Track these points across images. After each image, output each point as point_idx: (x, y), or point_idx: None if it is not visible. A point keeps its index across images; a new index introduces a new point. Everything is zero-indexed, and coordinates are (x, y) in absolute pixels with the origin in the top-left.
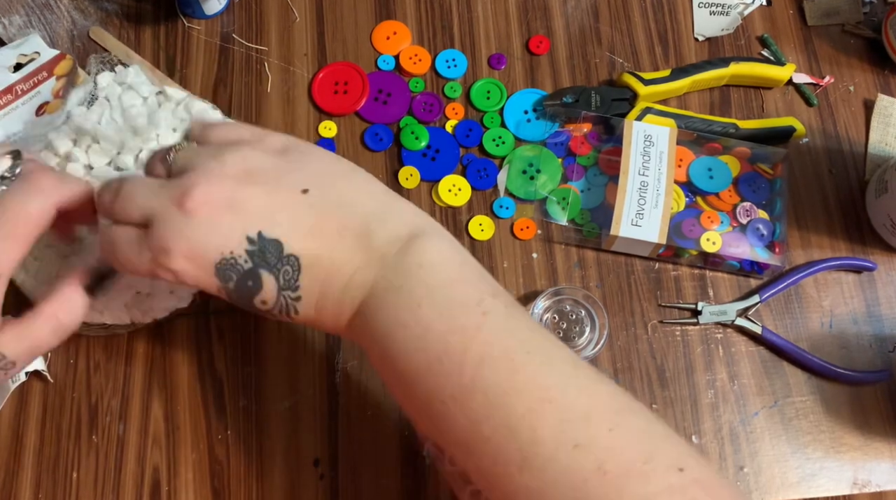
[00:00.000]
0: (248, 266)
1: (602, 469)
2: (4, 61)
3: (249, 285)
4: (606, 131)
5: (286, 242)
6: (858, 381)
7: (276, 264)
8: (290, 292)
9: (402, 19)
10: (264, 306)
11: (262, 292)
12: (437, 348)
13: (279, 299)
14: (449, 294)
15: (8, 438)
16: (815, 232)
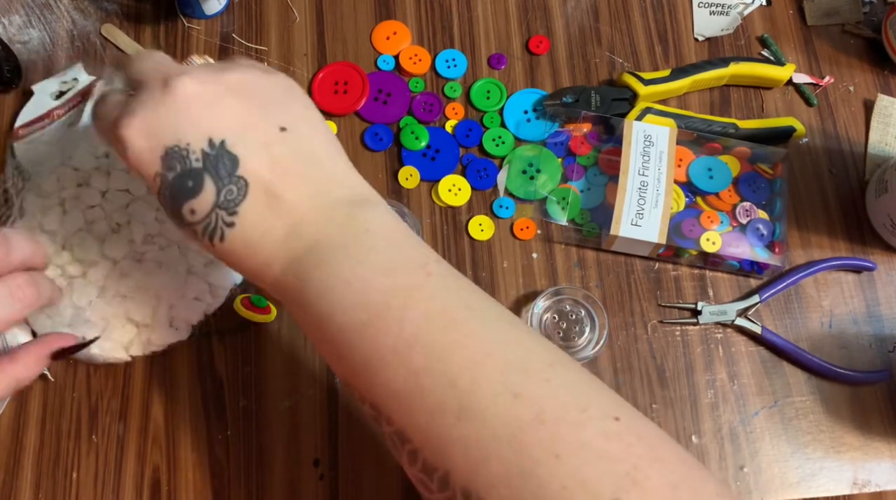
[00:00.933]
0: (196, 165)
1: (539, 418)
2: (48, 89)
3: (189, 185)
4: (606, 131)
5: (243, 162)
6: (858, 381)
7: (224, 178)
8: (225, 214)
9: (402, 19)
10: (192, 218)
11: (197, 197)
12: (378, 304)
13: (210, 215)
14: (394, 256)
15: (8, 438)
16: (815, 232)
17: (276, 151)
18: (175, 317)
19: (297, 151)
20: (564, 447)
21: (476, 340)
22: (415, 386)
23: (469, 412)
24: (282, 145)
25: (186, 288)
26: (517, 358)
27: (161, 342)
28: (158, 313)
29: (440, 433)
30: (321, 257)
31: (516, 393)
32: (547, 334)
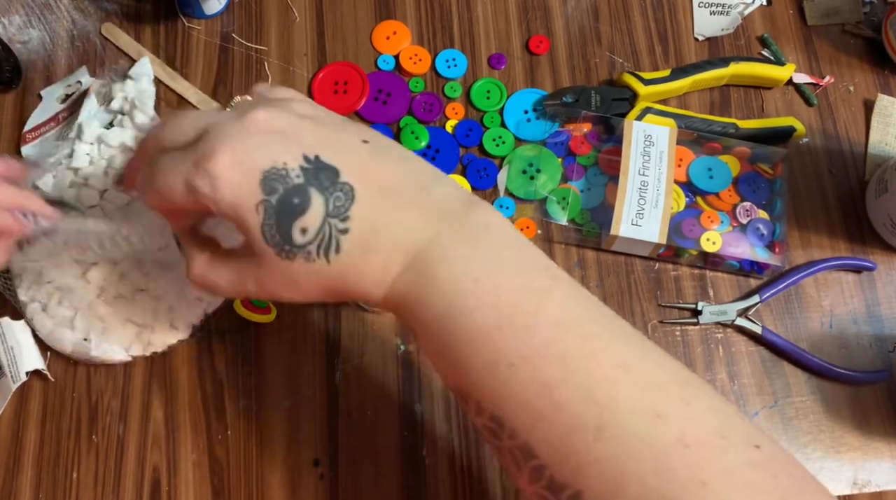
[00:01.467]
0: (298, 181)
1: (683, 441)
2: (55, 93)
3: (295, 202)
4: (606, 131)
5: (342, 170)
6: (858, 381)
7: (328, 187)
8: (337, 222)
9: (402, 19)
10: (303, 239)
11: (307, 212)
12: (509, 305)
13: (323, 226)
14: (518, 255)
15: (8, 438)
16: (815, 232)
17: (367, 157)
18: (175, 317)
19: (388, 156)
20: (711, 474)
21: (610, 353)
22: (548, 399)
23: (609, 431)
24: (371, 152)
25: (186, 288)
26: (654, 376)
27: (161, 343)
28: (158, 314)
29: (576, 451)
30: (444, 252)
31: (658, 413)
32: None
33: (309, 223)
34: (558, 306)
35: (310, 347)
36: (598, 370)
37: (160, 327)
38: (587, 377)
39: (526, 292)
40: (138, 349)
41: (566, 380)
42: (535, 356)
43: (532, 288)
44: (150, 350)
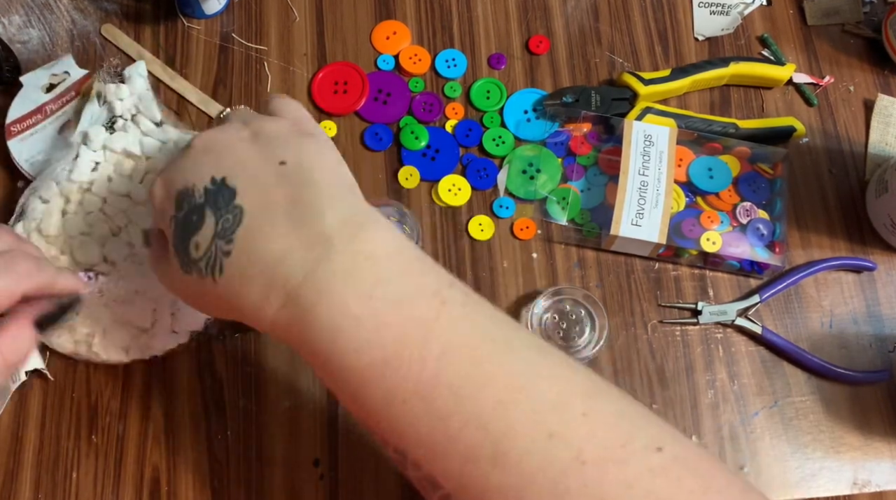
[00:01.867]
0: (199, 201)
1: (580, 458)
2: (38, 82)
3: (194, 219)
4: (606, 131)
5: (239, 193)
6: (858, 381)
7: (222, 209)
8: (223, 243)
9: (402, 19)
10: (196, 253)
11: (200, 230)
12: (394, 341)
13: (211, 246)
14: (403, 284)
15: (7, 437)
16: (815, 232)
17: (270, 181)
18: (176, 323)
19: (293, 181)
20: (609, 490)
21: (504, 375)
22: (443, 431)
23: (504, 458)
24: (278, 176)
25: None
26: (551, 392)
27: (161, 347)
28: (159, 319)
29: (475, 482)
30: (322, 287)
31: (552, 433)
32: (547, 334)
33: (201, 240)
34: (447, 332)
35: None
36: (491, 396)
37: (160, 333)
38: (480, 405)
39: (412, 324)
40: (136, 353)
41: (458, 411)
42: (427, 389)
43: (418, 318)
44: (150, 354)
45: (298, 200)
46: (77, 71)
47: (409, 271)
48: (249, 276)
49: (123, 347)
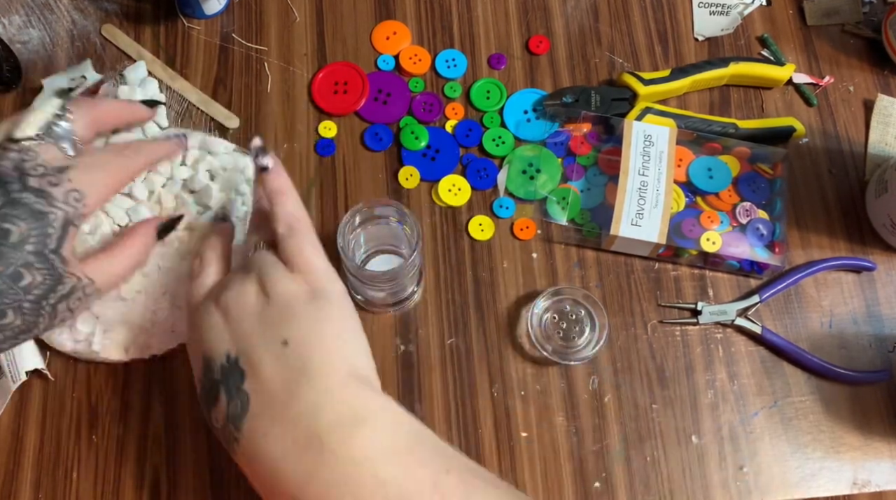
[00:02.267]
0: (217, 377)
1: None
2: (58, 83)
3: (212, 395)
4: (606, 131)
5: (247, 377)
6: (858, 381)
7: (232, 392)
8: (233, 428)
9: (402, 19)
10: (217, 425)
11: (216, 406)
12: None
13: (227, 425)
14: (401, 484)
15: (8, 438)
16: (815, 232)
17: (272, 369)
18: (177, 322)
19: (292, 366)
20: None
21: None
22: None
23: None
24: (280, 359)
25: None
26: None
27: (161, 347)
28: (159, 319)
29: None
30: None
31: None
32: (546, 334)
33: (219, 417)
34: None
35: None
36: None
37: (160, 332)
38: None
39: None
40: (136, 352)
41: None
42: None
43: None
44: (149, 353)
45: (295, 393)
46: (93, 75)
47: (407, 465)
48: (255, 470)
49: (123, 346)
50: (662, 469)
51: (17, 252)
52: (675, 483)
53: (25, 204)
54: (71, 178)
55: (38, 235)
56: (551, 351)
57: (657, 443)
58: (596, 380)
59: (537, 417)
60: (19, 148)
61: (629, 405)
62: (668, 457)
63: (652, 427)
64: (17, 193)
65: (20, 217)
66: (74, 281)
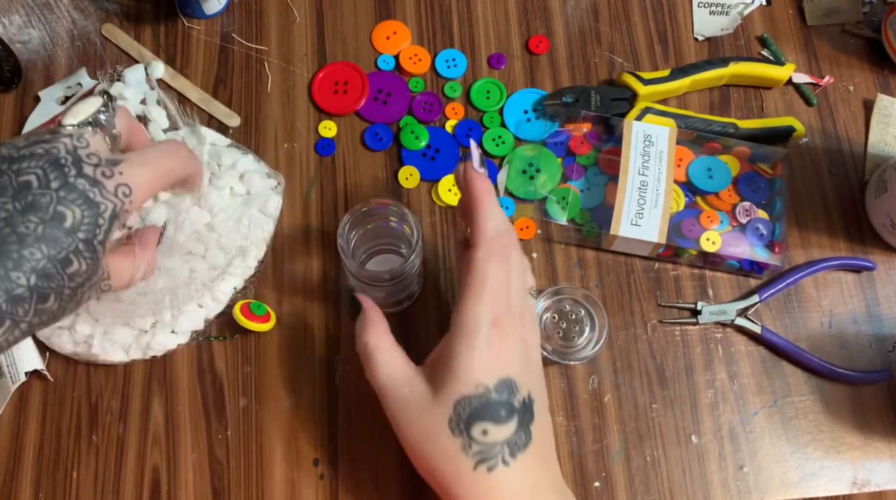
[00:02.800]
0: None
1: None
2: (54, 95)
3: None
4: (606, 131)
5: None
6: (858, 381)
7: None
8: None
9: (402, 19)
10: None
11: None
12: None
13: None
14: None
15: (8, 437)
16: (815, 232)
17: (547, 426)
18: (176, 323)
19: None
20: None
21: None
22: None
23: None
24: (549, 423)
25: (188, 294)
26: None
27: (161, 347)
28: (159, 319)
29: None
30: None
31: None
32: (546, 333)
33: (494, 434)
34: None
35: (310, 347)
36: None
37: (160, 333)
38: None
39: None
40: (137, 353)
41: None
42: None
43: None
44: (150, 354)
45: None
46: (88, 81)
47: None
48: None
49: (123, 347)
50: (662, 469)
51: (69, 237)
52: (675, 483)
53: (81, 190)
54: (122, 171)
55: (89, 223)
56: (551, 351)
57: (657, 443)
58: (596, 380)
59: None
60: (69, 133)
61: (629, 405)
62: (668, 457)
63: (652, 427)
64: (74, 179)
65: (75, 202)
66: (104, 275)
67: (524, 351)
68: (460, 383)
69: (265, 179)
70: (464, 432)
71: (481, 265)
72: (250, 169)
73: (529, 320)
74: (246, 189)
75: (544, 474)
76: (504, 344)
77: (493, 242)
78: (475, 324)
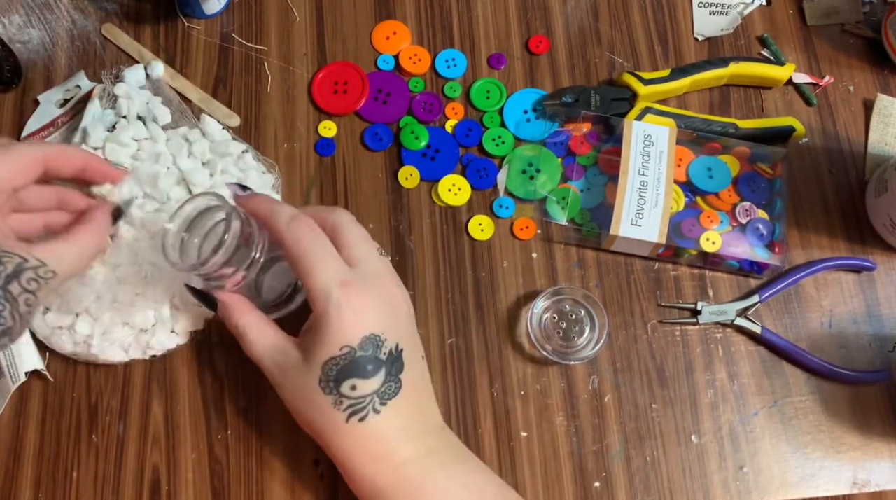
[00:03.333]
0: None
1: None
2: (53, 98)
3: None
4: (606, 131)
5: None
6: (858, 381)
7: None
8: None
9: (402, 19)
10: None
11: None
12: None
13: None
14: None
15: (8, 438)
16: (815, 232)
17: (420, 371)
18: (176, 323)
19: (426, 376)
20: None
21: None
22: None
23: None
24: (422, 369)
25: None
26: None
27: (161, 348)
28: (159, 320)
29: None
30: (442, 461)
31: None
32: (546, 334)
33: (361, 388)
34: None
35: None
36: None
37: (160, 333)
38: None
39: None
40: (137, 353)
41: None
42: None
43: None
44: (150, 354)
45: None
46: (87, 83)
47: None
48: (385, 435)
49: (123, 347)
50: (662, 469)
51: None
52: (675, 483)
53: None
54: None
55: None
56: (551, 351)
57: (657, 443)
58: (596, 380)
59: (537, 417)
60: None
61: (629, 405)
62: (668, 457)
63: (652, 427)
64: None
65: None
66: (18, 260)
67: (389, 305)
68: (325, 346)
69: (262, 177)
70: (333, 389)
71: (296, 250)
72: (250, 166)
73: (388, 276)
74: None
75: (418, 417)
76: (361, 301)
77: (289, 225)
78: (323, 297)
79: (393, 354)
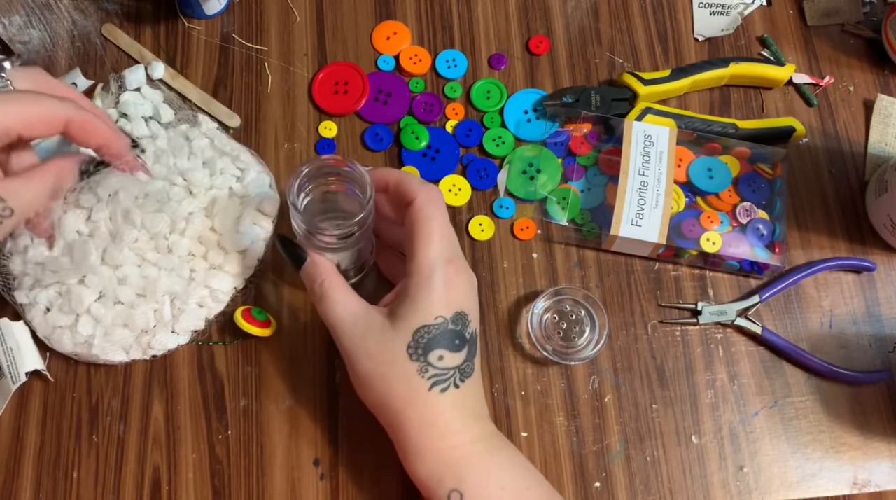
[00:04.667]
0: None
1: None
2: None
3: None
4: (606, 131)
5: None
6: (858, 381)
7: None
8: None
9: (402, 19)
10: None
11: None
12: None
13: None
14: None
15: (8, 438)
16: (815, 232)
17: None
18: (177, 323)
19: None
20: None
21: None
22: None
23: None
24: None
25: (188, 294)
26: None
27: (161, 347)
28: (160, 319)
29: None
30: (501, 444)
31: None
32: (547, 334)
33: (448, 360)
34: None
35: (310, 347)
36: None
37: (160, 333)
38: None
39: None
40: (138, 352)
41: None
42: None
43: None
44: (150, 354)
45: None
46: (83, 81)
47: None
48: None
49: (124, 347)
50: (662, 469)
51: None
52: (675, 483)
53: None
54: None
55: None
56: (551, 351)
57: (657, 443)
58: (596, 380)
59: (537, 417)
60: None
61: (629, 405)
62: (668, 457)
63: (652, 427)
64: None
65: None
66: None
67: (474, 291)
68: (419, 313)
69: (260, 175)
70: (421, 357)
71: (426, 211)
72: (250, 165)
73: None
74: (246, 189)
75: (481, 402)
76: (458, 281)
77: (426, 188)
78: (431, 266)
79: (475, 336)
